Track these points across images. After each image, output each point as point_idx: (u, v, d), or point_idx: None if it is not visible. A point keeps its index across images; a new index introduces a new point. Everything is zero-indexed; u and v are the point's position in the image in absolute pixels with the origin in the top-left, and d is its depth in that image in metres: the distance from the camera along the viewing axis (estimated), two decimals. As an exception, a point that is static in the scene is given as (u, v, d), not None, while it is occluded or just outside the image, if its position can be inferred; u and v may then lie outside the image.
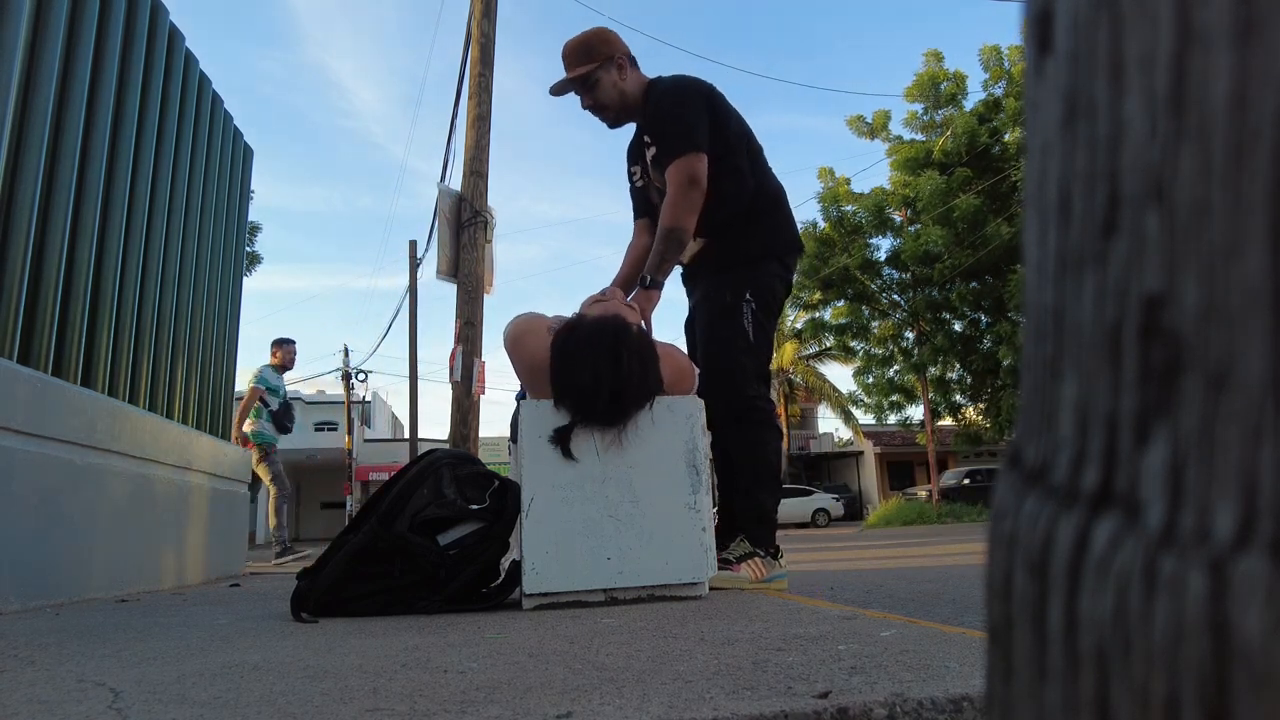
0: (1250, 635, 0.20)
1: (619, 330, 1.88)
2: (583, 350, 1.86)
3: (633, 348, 1.86)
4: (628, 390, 1.85)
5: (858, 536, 13.14)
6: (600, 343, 1.86)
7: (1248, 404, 0.21)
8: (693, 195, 2.26)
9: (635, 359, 1.85)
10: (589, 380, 1.84)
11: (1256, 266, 0.21)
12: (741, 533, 2.30)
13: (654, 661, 1.05)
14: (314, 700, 0.90)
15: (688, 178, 2.26)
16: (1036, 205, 0.30)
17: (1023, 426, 0.32)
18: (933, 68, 19.01)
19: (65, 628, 1.78)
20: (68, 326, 2.84)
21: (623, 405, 1.86)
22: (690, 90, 2.40)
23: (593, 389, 1.84)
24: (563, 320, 2.02)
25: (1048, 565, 0.26)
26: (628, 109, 2.50)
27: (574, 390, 1.87)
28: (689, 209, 2.26)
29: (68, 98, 2.84)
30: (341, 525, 2.54)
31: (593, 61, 2.43)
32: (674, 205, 2.26)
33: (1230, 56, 0.22)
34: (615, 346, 1.84)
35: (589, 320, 1.94)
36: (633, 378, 1.84)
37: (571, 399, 1.88)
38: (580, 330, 1.90)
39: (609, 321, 1.91)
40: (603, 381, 1.82)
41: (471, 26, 6.80)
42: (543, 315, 2.12)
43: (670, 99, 2.40)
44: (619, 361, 1.83)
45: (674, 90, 2.42)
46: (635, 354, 1.86)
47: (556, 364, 1.89)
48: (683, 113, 2.35)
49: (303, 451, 24.81)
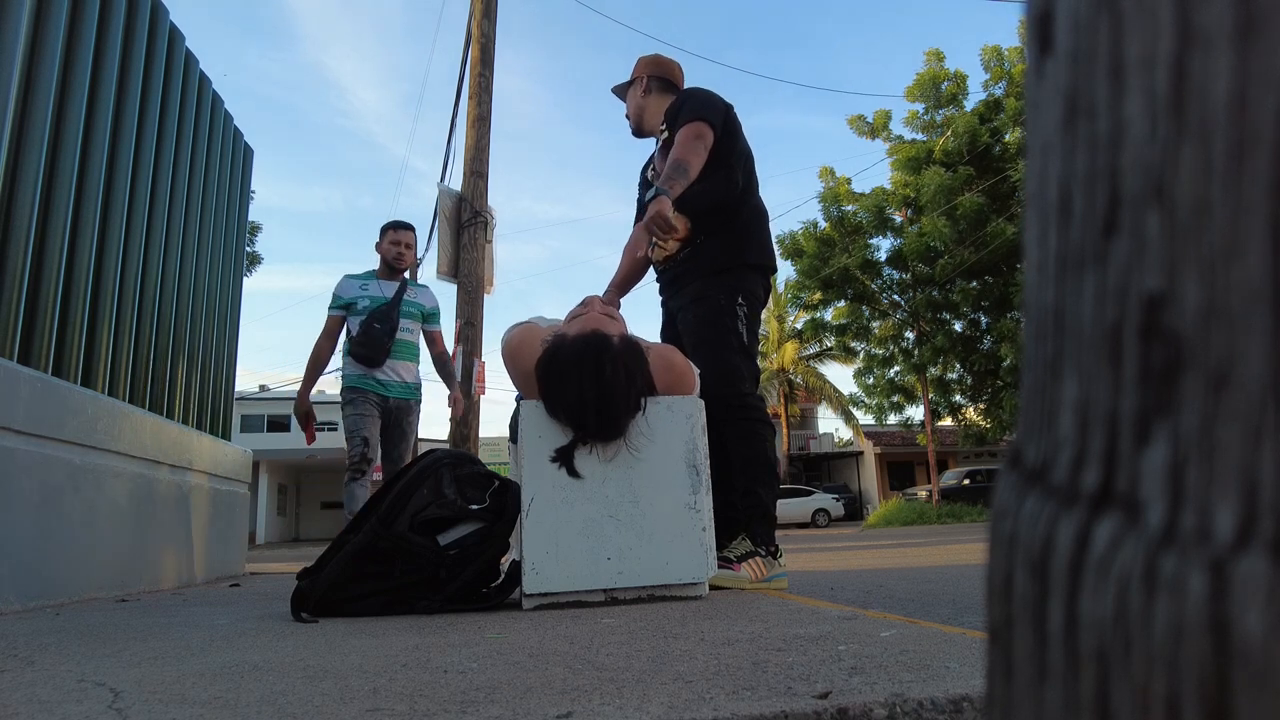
0: (1250, 635, 0.20)
1: (600, 345, 1.88)
2: (567, 371, 1.87)
3: (616, 359, 1.86)
4: (615, 402, 1.85)
5: (858, 537, 13.14)
6: (583, 360, 1.86)
7: (1248, 404, 0.21)
8: (698, 146, 2.40)
9: (620, 371, 1.86)
10: (575, 399, 1.85)
11: (1256, 266, 0.21)
12: (743, 530, 2.31)
13: (654, 661, 1.05)
14: (314, 700, 0.90)
15: (695, 134, 2.42)
16: (1037, 205, 0.30)
17: (1023, 426, 0.32)
18: (934, 68, 18.99)
19: (65, 628, 1.77)
20: (68, 326, 2.84)
21: (613, 417, 1.87)
22: (713, 96, 2.63)
23: (580, 407, 1.85)
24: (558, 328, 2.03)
25: (1048, 565, 0.26)
26: (642, 125, 2.77)
27: (563, 411, 1.88)
28: (694, 152, 2.38)
29: (68, 98, 2.84)
30: (341, 525, 2.54)
31: (633, 76, 2.81)
32: (682, 145, 2.39)
33: (1231, 56, 0.22)
34: (598, 361, 1.85)
35: (569, 340, 1.94)
36: (619, 389, 1.85)
37: (563, 419, 1.89)
38: (562, 351, 1.90)
39: (589, 338, 1.91)
40: (589, 399, 1.83)
41: (472, 26, 6.80)
42: (538, 325, 2.13)
43: (693, 91, 2.63)
44: (602, 375, 1.83)
45: (698, 89, 2.66)
46: (619, 365, 1.86)
47: (543, 387, 1.90)
48: (700, 100, 2.55)
49: (303, 451, 24.82)
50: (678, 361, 2.10)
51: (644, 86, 2.74)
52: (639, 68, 2.80)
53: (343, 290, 3.90)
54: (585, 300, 2.26)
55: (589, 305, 2.21)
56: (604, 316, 2.11)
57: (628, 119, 2.82)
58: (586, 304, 2.22)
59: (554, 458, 1.87)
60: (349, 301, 3.88)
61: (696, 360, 2.37)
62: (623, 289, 2.75)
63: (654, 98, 2.74)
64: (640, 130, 2.79)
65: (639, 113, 2.75)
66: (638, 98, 2.75)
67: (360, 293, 3.89)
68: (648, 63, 2.80)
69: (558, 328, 2.09)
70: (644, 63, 2.80)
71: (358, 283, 3.92)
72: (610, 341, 1.90)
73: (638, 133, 2.81)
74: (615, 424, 1.87)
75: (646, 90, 2.74)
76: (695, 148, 2.39)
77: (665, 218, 2.18)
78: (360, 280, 3.93)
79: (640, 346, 2.00)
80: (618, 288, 2.72)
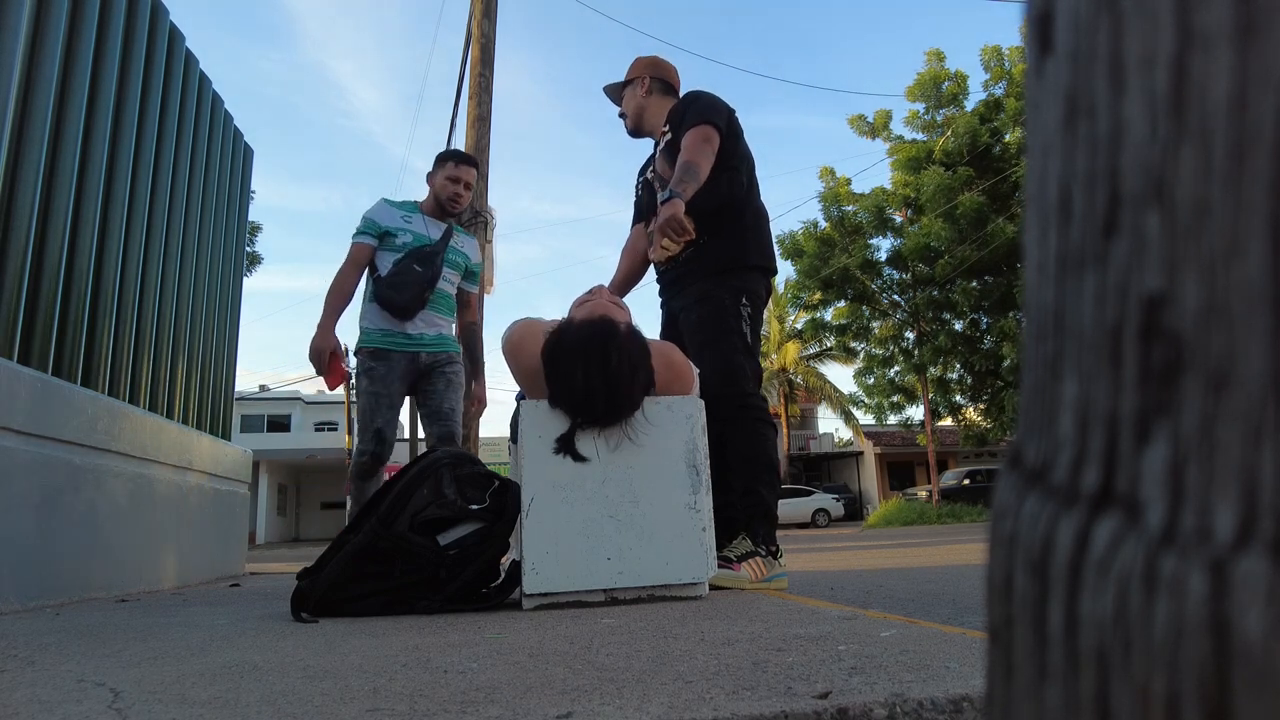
0: (1250, 635, 0.20)
1: (607, 331, 1.88)
2: (573, 354, 1.87)
3: (622, 347, 1.87)
4: (620, 389, 1.85)
5: (858, 537, 13.14)
6: (590, 345, 1.86)
7: (1248, 404, 0.21)
8: (706, 149, 2.42)
9: (625, 359, 1.86)
10: (580, 383, 1.84)
11: (1256, 266, 0.21)
12: (744, 530, 2.32)
13: (654, 662, 1.05)
14: (314, 700, 0.90)
15: (703, 136, 2.44)
16: (1037, 205, 0.30)
17: (1023, 426, 0.32)
18: (934, 67, 18.99)
19: (65, 628, 1.77)
20: (68, 326, 2.84)
21: (617, 404, 1.87)
22: (717, 99, 2.64)
23: (584, 391, 1.84)
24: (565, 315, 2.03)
25: (1048, 565, 0.26)
26: (641, 125, 2.77)
27: (568, 394, 1.88)
28: (704, 155, 2.41)
29: (68, 98, 2.84)
30: (341, 525, 2.53)
31: (629, 76, 2.81)
32: (691, 148, 2.41)
33: (1231, 57, 0.22)
34: (604, 347, 1.85)
35: (576, 323, 1.94)
36: (624, 377, 1.85)
37: (566, 403, 1.88)
38: (568, 334, 1.90)
39: (597, 323, 1.91)
40: (594, 383, 1.83)
41: (472, 26, 6.80)
42: (539, 320, 2.13)
43: (698, 94, 2.64)
44: (608, 362, 1.83)
45: (702, 92, 2.66)
46: (624, 353, 1.86)
47: (548, 370, 1.90)
48: (706, 103, 2.56)
49: (303, 451, 24.83)
50: (677, 360, 2.10)
51: (645, 87, 2.75)
52: (638, 68, 2.80)
53: (380, 216, 3.06)
54: (593, 288, 2.27)
55: (597, 293, 2.21)
56: (611, 304, 2.12)
57: (622, 118, 2.83)
58: (594, 291, 2.23)
59: (556, 448, 1.86)
60: (387, 231, 3.04)
61: (700, 359, 2.38)
62: (623, 289, 2.76)
63: (654, 99, 2.75)
64: (639, 130, 2.80)
65: (639, 113, 2.77)
66: (639, 97, 2.76)
67: (402, 224, 3.06)
68: (648, 64, 2.81)
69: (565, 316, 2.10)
70: (644, 63, 2.81)
71: (399, 212, 3.10)
72: (617, 328, 1.91)
73: (635, 132, 2.81)
74: (619, 410, 1.87)
75: (648, 91, 2.75)
76: (704, 150, 2.40)
77: (679, 219, 2.22)
78: (402, 211, 3.12)
79: (644, 338, 2.00)
80: (618, 288, 2.72)
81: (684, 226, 2.23)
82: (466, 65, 6.95)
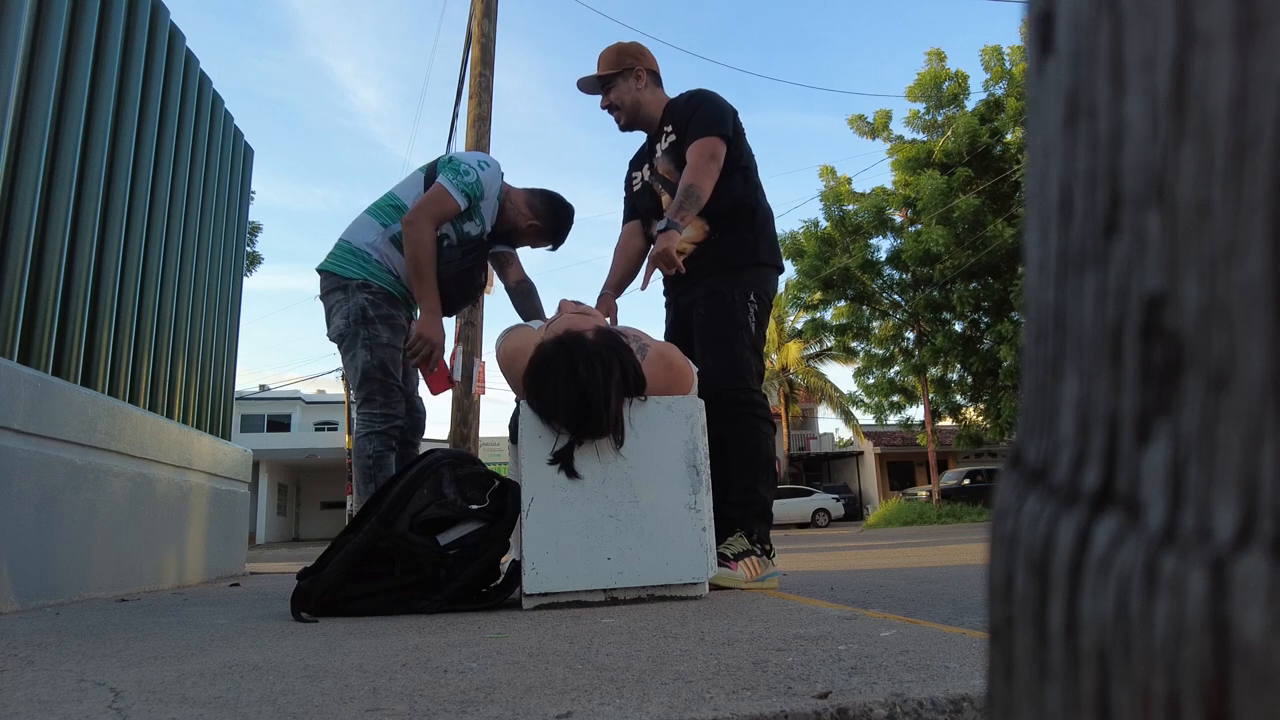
0: (1250, 635, 0.20)
1: (571, 344, 1.87)
2: (541, 379, 1.87)
3: (590, 355, 1.84)
4: (595, 392, 1.82)
5: (858, 537, 13.14)
6: (556, 363, 1.85)
7: (1248, 404, 0.21)
8: (711, 167, 2.42)
9: (596, 365, 1.83)
10: (553, 403, 1.85)
11: (1257, 266, 0.21)
12: (740, 528, 2.32)
13: (654, 661, 1.05)
14: (314, 700, 0.90)
15: (710, 153, 2.43)
16: (1038, 205, 0.30)
17: (1024, 426, 0.32)
18: (935, 67, 18.98)
19: (65, 628, 1.77)
20: (68, 326, 2.84)
21: (595, 412, 1.84)
22: (722, 101, 2.62)
23: (565, 410, 1.84)
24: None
25: (1049, 565, 0.26)
26: (639, 118, 2.69)
27: (549, 417, 1.88)
28: (708, 174, 2.41)
29: (68, 98, 2.84)
30: (341, 525, 2.52)
31: (618, 67, 2.66)
32: (695, 170, 2.40)
33: (1231, 57, 0.22)
34: (570, 360, 1.84)
35: (542, 345, 1.93)
36: (595, 383, 1.82)
37: (552, 425, 1.89)
38: (536, 359, 1.90)
39: (561, 338, 1.90)
40: (568, 397, 1.83)
41: (472, 26, 6.80)
42: (530, 328, 2.14)
43: (703, 96, 2.61)
44: (575, 374, 1.82)
45: (707, 93, 2.64)
46: (592, 359, 1.84)
47: (530, 404, 1.91)
48: (714, 107, 2.55)
49: (303, 451, 24.82)
50: (676, 360, 2.10)
51: (643, 80, 2.67)
52: (626, 58, 2.66)
53: (491, 184, 2.62)
54: (561, 303, 2.29)
55: (560, 309, 2.24)
56: (575, 315, 2.13)
57: (612, 111, 2.68)
58: (561, 306, 2.26)
59: (552, 460, 1.86)
60: (473, 206, 2.60)
61: (707, 353, 2.40)
62: (618, 289, 2.75)
63: (650, 91, 2.68)
64: (634, 124, 2.70)
65: (636, 107, 2.66)
66: (636, 90, 2.65)
67: (485, 211, 2.67)
68: (637, 53, 2.68)
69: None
70: (632, 53, 2.68)
71: (496, 193, 2.69)
72: (582, 337, 1.89)
73: (630, 126, 2.71)
74: (598, 418, 1.85)
75: (644, 84, 2.67)
76: (709, 169, 2.40)
77: (671, 256, 2.28)
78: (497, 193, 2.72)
79: (618, 335, 1.98)
80: (614, 288, 2.72)
81: (675, 261, 2.30)
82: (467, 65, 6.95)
